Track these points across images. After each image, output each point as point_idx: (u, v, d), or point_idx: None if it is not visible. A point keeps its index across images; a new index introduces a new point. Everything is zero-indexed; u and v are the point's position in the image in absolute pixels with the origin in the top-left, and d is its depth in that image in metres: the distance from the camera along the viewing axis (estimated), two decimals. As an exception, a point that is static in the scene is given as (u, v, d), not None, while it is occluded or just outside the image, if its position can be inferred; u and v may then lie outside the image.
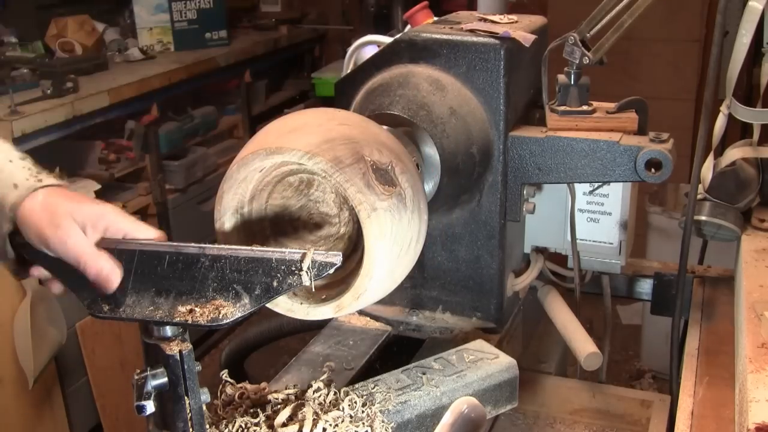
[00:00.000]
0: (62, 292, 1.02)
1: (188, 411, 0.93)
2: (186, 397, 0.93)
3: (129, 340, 3.00)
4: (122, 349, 2.99)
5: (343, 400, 1.08)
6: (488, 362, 1.20)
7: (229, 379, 1.11)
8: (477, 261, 1.43)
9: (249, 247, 0.92)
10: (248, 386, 1.11)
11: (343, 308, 1.02)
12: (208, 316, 0.90)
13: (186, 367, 0.92)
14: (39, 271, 1.02)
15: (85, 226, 0.96)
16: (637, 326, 3.51)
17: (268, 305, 1.02)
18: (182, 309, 0.91)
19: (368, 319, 1.48)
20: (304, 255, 0.90)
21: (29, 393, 2.60)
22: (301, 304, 1.04)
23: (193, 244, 0.94)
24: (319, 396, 1.08)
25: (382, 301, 1.26)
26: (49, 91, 2.84)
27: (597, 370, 1.46)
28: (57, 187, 0.99)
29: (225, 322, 0.90)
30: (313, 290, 0.96)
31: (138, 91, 3.20)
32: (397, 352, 1.48)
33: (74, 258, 0.94)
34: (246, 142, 1.05)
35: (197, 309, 0.91)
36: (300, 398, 1.09)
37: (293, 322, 1.14)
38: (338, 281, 1.07)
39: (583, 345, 1.45)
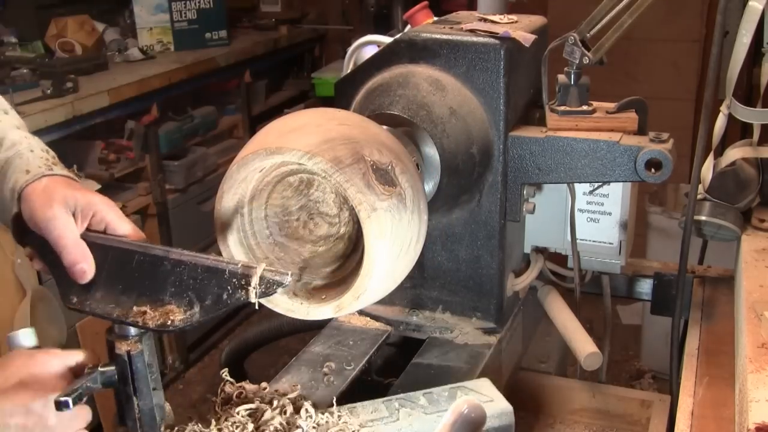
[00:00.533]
0: (42, 269, 1.05)
1: (137, 411, 0.94)
2: (134, 398, 0.93)
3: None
4: (122, 349, 2.98)
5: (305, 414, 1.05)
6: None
7: (228, 378, 1.11)
8: (477, 261, 1.43)
9: (208, 256, 0.92)
10: (247, 386, 1.11)
11: (343, 308, 1.02)
12: (157, 320, 0.91)
13: (134, 368, 0.92)
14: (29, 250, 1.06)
15: (76, 212, 0.99)
16: (637, 326, 3.51)
17: (269, 305, 1.02)
18: (137, 309, 0.92)
19: (368, 319, 1.48)
20: (253, 270, 0.89)
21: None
22: (301, 304, 1.04)
23: (159, 247, 0.95)
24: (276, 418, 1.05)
25: (382, 301, 1.25)
26: (49, 91, 2.84)
27: (597, 370, 1.46)
28: (63, 177, 1.03)
29: (171, 329, 0.91)
30: (257, 307, 0.95)
31: (138, 91, 3.20)
32: (397, 352, 1.48)
33: (55, 240, 0.97)
34: (246, 142, 1.05)
35: (150, 312, 0.91)
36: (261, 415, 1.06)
37: (293, 322, 1.14)
38: (338, 281, 1.07)
39: (583, 345, 1.45)
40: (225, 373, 1.10)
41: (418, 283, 1.47)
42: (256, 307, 0.94)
